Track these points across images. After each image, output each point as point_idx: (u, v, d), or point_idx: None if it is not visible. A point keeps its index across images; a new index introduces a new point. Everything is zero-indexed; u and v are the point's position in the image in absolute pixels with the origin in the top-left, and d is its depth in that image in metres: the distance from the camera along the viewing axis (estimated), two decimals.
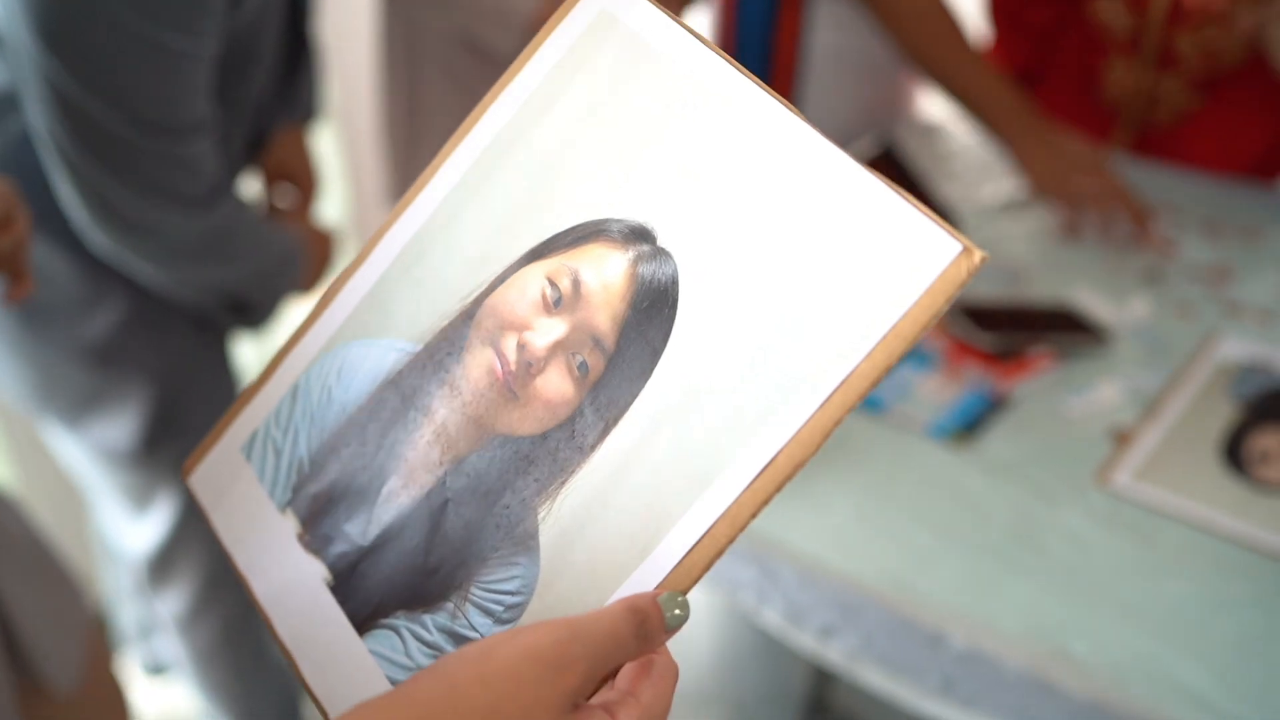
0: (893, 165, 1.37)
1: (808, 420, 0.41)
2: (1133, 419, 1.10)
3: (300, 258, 1.18)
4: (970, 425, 1.09)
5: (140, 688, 1.69)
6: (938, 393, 1.14)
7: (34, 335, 1.09)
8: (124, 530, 1.28)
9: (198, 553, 1.27)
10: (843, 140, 0.53)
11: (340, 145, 2.24)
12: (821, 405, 0.41)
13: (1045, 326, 1.22)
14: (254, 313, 1.17)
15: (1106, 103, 1.59)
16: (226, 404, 1.23)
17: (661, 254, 0.46)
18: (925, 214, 0.40)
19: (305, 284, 1.22)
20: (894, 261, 0.41)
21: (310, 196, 1.28)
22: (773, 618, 0.99)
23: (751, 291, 0.44)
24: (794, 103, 0.49)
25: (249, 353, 1.90)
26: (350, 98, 2.13)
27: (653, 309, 0.46)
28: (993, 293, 1.30)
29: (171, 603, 1.31)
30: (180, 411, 1.18)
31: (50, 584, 0.92)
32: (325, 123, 1.43)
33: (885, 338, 0.40)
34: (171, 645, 1.37)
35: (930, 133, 1.76)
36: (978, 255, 0.39)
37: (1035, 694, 0.85)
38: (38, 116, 0.92)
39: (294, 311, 1.26)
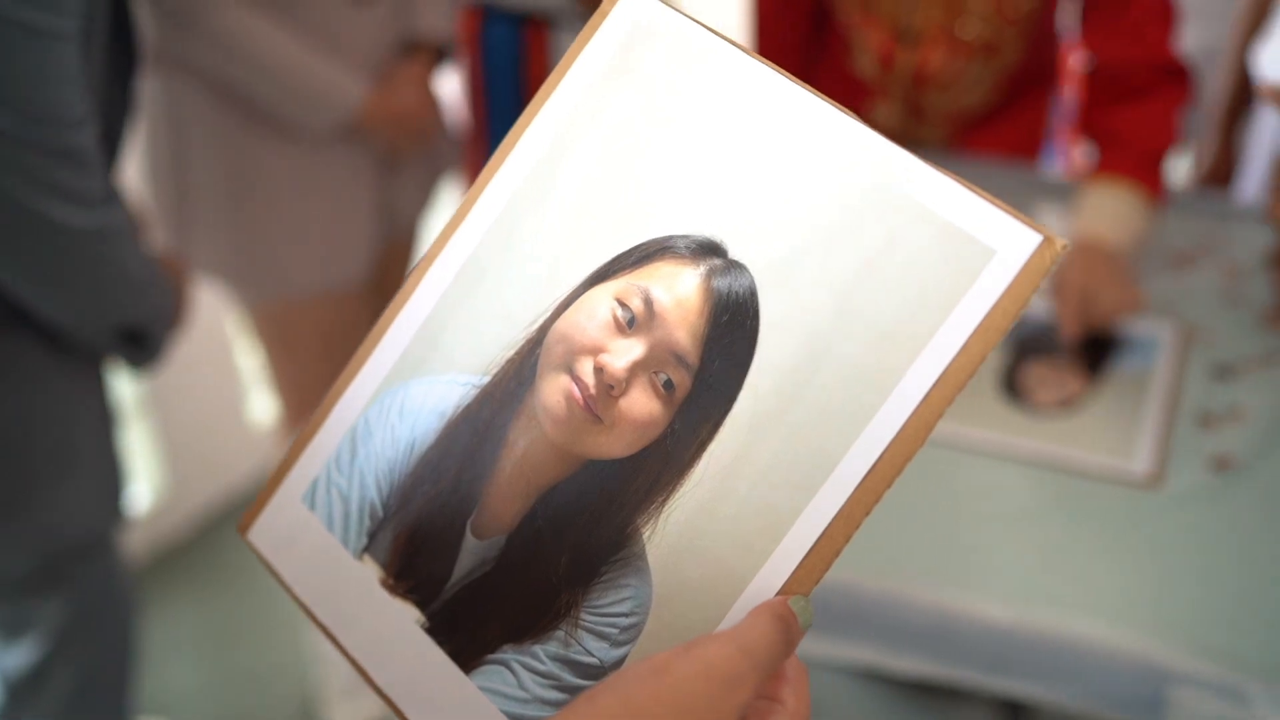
0: None
1: (910, 416, 0.42)
2: None
3: (165, 281, 1.09)
4: None
5: None
6: None
7: None
8: None
9: (69, 673, 1.17)
10: None
11: None
12: (922, 401, 0.42)
13: None
14: (148, 342, 1.09)
15: None
16: (113, 491, 1.15)
17: (735, 266, 0.47)
18: (1004, 209, 0.42)
19: (175, 314, 1.14)
20: (977, 256, 0.42)
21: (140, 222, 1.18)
22: None
23: (834, 297, 0.44)
24: None
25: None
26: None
27: (734, 322, 0.46)
28: None
29: None
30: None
31: None
32: None
33: (977, 331, 0.41)
34: None
35: None
36: (1059, 244, 0.40)
37: (890, 612, 0.97)
38: None
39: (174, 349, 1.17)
